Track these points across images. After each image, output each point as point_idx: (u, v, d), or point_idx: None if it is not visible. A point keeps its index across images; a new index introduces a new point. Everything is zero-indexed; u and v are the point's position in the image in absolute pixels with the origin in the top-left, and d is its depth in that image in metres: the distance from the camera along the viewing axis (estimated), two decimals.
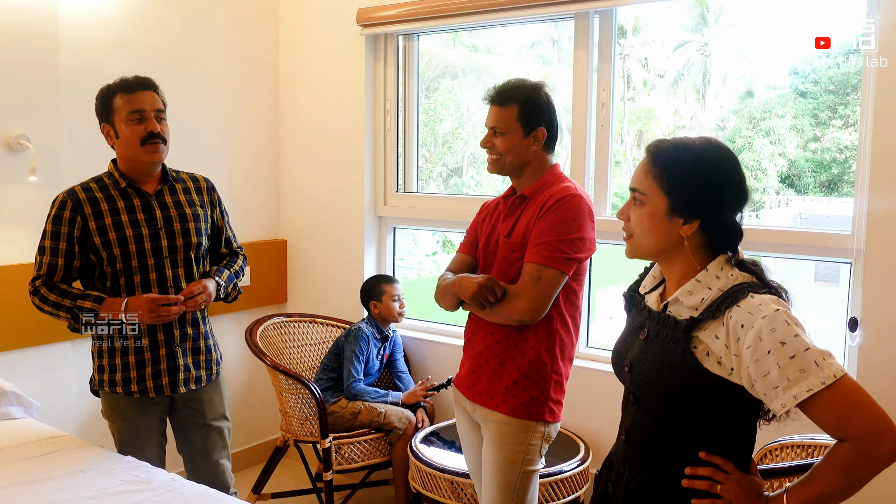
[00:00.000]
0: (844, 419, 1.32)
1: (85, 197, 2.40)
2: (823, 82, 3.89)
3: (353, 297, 3.85)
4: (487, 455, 2.18)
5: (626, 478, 1.56)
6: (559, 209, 2.10)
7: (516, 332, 2.16)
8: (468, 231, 2.43)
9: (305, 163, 3.99)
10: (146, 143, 2.38)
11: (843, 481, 1.34)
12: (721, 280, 1.46)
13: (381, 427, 3.30)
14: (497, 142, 2.20)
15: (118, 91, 2.38)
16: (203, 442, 2.58)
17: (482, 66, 4.13)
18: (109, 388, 2.45)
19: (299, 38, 3.94)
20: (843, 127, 3.80)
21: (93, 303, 2.34)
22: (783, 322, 1.34)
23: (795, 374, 1.32)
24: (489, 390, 2.18)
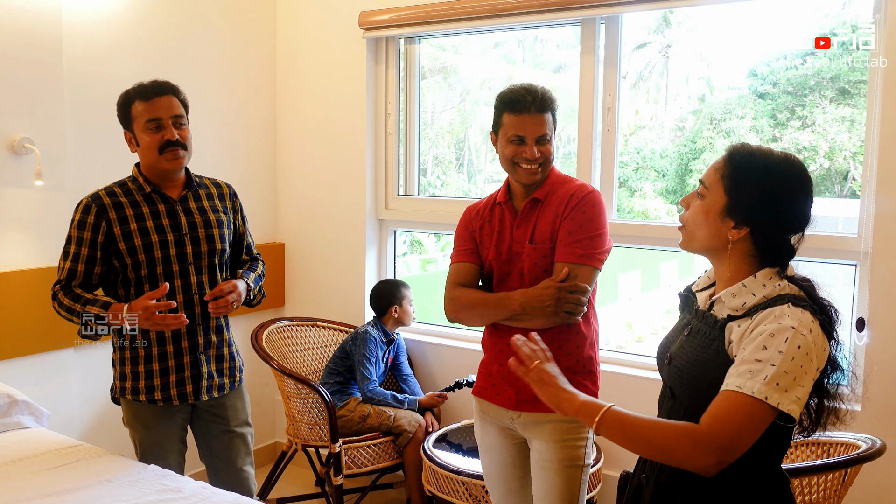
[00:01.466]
0: (720, 420, 1.36)
1: (110, 202, 2.37)
2: (782, 84, 3.99)
3: (355, 301, 3.86)
4: (547, 454, 2.17)
5: (658, 470, 1.61)
6: (584, 207, 2.13)
7: (557, 334, 2.15)
8: (462, 238, 2.34)
9: (304, 166, 3.98)
10: (164, 152, 2.35)
11: (658, 434, 1.41)
12: (767, 288, 1.48)
13: (390, 430, 3.30)
14: (545, 150, 2.17)
15: (136, 98, 2.35)
16: (226, 449, 2.56)
17: (449, 65, 4.13)
18: (132, 395, 2.42)
19: (298, 41, 3.92)
20: (802, 128, 3.90)
21: (100, 308, 2.29)
22: (784, 339, 1.37)
23: (745, 371, 1.37)
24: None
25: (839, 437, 2.25)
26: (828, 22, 4.05)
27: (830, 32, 4.26)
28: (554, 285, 2.08)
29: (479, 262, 2.29)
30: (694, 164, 4.64)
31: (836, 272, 3.17)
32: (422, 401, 3.42)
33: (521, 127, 2.15)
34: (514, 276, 2.20)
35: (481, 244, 2.29)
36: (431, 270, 4.62)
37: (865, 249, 2.65)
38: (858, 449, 2.14)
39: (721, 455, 1.35)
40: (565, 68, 4.03)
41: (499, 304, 2.16)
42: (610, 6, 3.05)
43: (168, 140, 2.34)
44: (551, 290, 2.07)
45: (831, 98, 3.94)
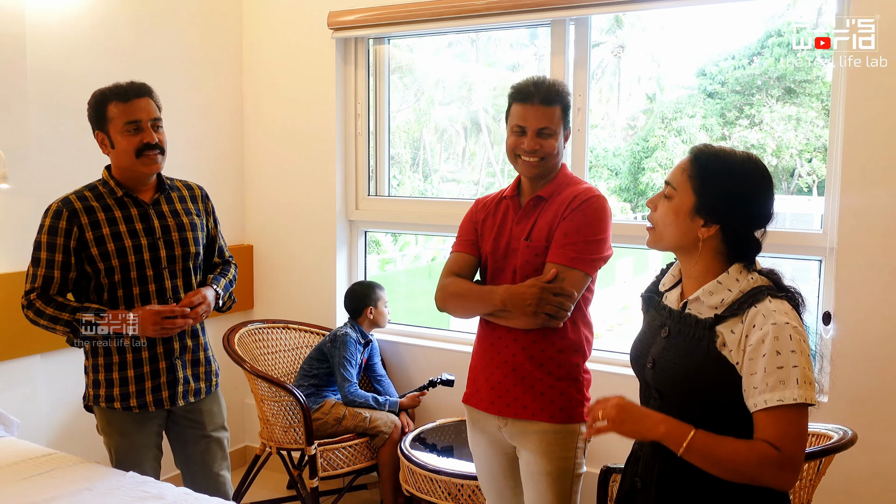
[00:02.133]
0: (788, 437, 1.43)
1: (81, 206, 2.32)
2: (730, 83, 4.10)
3: (326, 303, 3.84)
4: (535, 467, 2.12)
5: (657, 471, 1.63)
6: (585, 210, 2.08)
7: (542, 337, 2.11)
8: (464, 229, 2.32)
9: (272, 167, 3.94)
10: (142, 155, 2.32)
11: (742, 462, 1.44)
12: (741, 283, 1.56)
13: (366, 432, 3.30)
14: (546, 143, 2.11)
15: (112, 98, 2.31)
16: (203, 454, 2.53)
17: (405, 65, 4.14)
18: (106, 403, 2.38)
19: (265, 41, 3.89)
20: (750, 126, 4.00)
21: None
22: (788, 336, 1.45)
23: (775, 383, 1.44)
24: (522, 400, 2.11)
25: (810, 427, 2.31)
26: (775, 23, 4.16)
27: (776, 32, 4.38)
28: (538, 284, 2.04)
29: (478, 254, 2.26)
30: (646, 163, 4.72)
31: (796, 267, 3.29)
32: (402, 402, 3.42)
33: (524, 117, 2.11)
34: (508, 272, 2.17)
35: (482, 237, 2.26)
36: (390, 270, 4.63)
37: (831, 245, 2.73)
38: (831, 439, 2.20)
39: (800, 469, 1.44)
40: (519, 67, 4.08)
41: (482, 297, 2.14)
42: (579, 7, 3.08)
43: (147, 143, 2.31)
44: (534, 290, 2.03)
45: (777, 97, 4.04)
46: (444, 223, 3.62)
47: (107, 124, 2.31)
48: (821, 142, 4.06)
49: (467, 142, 4.32)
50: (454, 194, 4.40)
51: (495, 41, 3.98)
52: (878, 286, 2.64)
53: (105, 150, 2.37)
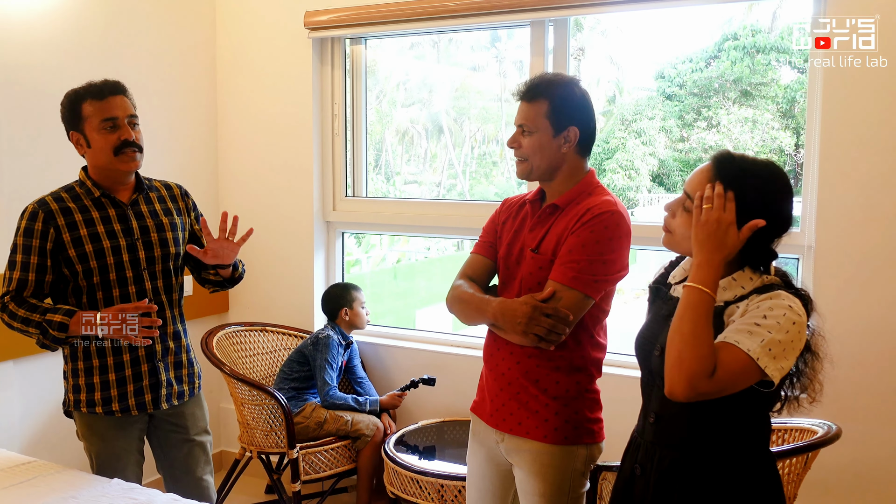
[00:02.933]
0: (721, 367, 1.44)
1: (57, 207, 2.26)
2: (688, 86, 4.16)
3: (304, 305, 3.80)
4: (529, 487, 2.00)
5: (658, 457, 1.65)
6: (595, 226, 1.90)
7: (539, 353, 1.97)
8: (487, 230, 2.19)
9: (247, 168, 3.89)
10: (120, 153, 2.27)
11: (692, 337, 1.45)
12: (754, 281, 1.58)
13: (348, 434, 3.27)
14: (524, 141, 1.98)
15: (87, 97, 2.25)
16: (186, 458, 2.49)
17: (369, 64, 4.13)
18: (87, 408, 2.32)
19: (240, 41, 3.84)
20: (708, 128, 4.07)
21: (63, 316, 2.18)
22: (782, 313, 1.47)
23: (742, 330, 1.47)
24: (517, 416, 2.00)
25: (795, 423, 2.35)
26: (731, 26, 4.23)
27: (732, 36, 4.46)
28: (531, 302, 1.88)
29: (495, 257, 2.14)
30: (607, 164, 4.76)
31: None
32: (383, 401, 3.40)
33: (516, 115, 2.03)
34: (517, 280, 2.04)
35: (500, 239, 2.13)
36: (355, 273, 4.60)
37: (809, 243, 2.78)
38: (816, 434, 2.24)
39: (702, 391, 1.44)
40: (480, 69, 4.08)
41: (478, 307, 2.01)
42: (559, 9, 3.10)
43: (125, 140, 2.26)
44: (526, 308, 1.87)
45: (734, 99, 4.11)
46: (424, 224, 3.61)
47: (82, 123, 2.26)
48: (776, 143, 4.13)
49: (428, 143, 4.30)
50: (416, 196, 4.37)
51: (456, 43, 3.97)
52: (856, 283, 2.69)
53: (81, 151, 2.32)
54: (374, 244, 5.38)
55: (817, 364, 1.60)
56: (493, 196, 4.03)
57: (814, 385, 1.61)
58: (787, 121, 4.17)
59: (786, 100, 4.19)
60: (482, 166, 4.36)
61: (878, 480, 2.71)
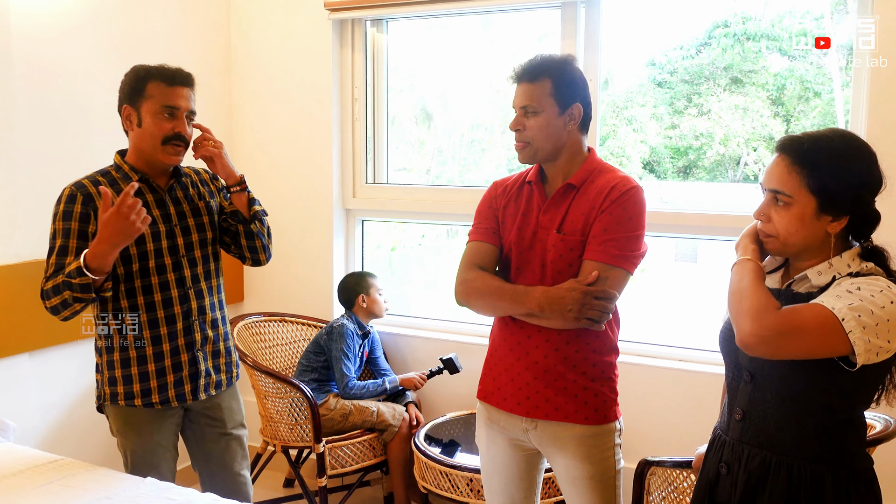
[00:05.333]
0: (796, 313, 1.42)
1: (95, 191, 2.16)
2: (679, 73, 4.11)
3: (322, 294, 3.71)
4: (576, 472, 1.99)
5: (747, 456, 1.59)
6: (626, 203, 1.90)
7: (576, 337, 1.96)
8: (484, 216, 2.12)
9: (263, 153, 3.78)
10: (168, 143, 2.17)
11: (753, 293, 1.47)
12: (852, 268, 1.51)
13: (374, 427, 3.19)
14: (529, 123, 1.95)
15: (157, 77, 2.16)
16: (223, 453, 2.40)
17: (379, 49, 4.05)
18: (125, 401, 2.22)
19: (255, 23, 3.71)
20: (698, 115, 4.03)
21: (76, 261, 2.02)
22: (880, 288, 1.42)
23: (834, 296, 1.42)
24: (554, 401, 1.97)
25: None
26: (722, 13, 4.19)
27: (723, 23, 4.42)
28: (580, 288, 1.86)
29: (500, 243, 2.07)
30: (598, 152, 4.73)
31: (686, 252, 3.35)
32: (403, 380, 3.32)
33: (514, 97, 2.00)
34: (535, 265, 1.99)
35: (503, 224, 2.08)
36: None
37: None
38: (874, 430, 2.18)
39: (772, 335, 1.41)
40: (471, 54, 3.99)
41: (515, 299, 1.95)
42: None
43: (178, 133, 2.17)
44: (576, 294, 1.85)
45: (725, 86, 4.07)
46: (447, 211, 3.52)
47: (141, 100, 2.15)
48: (766, 131, 4.10)
49: (418, 129, 4.23)
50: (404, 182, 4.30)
51: (449, 28, 3.87)
52: None
53: (128, 127, 2.20)
54: (369, 231, 5.32)
55: None
56: (484, 182, 3.99)
57: None
58: (777, 108, 4.14)
59: (776, 87, 4.15)
60: (471, 153, 4.30)
61: None
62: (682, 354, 3.06)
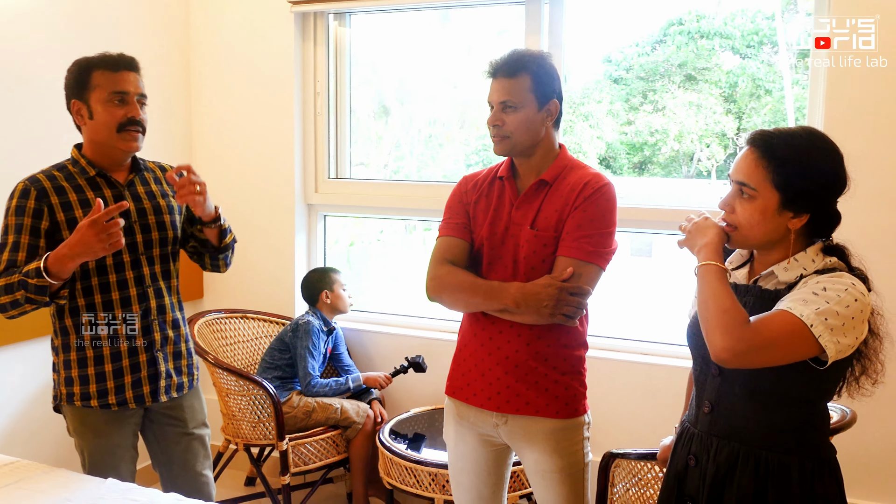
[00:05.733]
0: (766, 325, 1.43)
1: (50, 185, 2.10)
2: (635, 70, 4.18)
3: (284, 291, 3.67)
4: (546, 465, 2.01)
5: (715, 448, 1.61)
6: (599, 199, 1.93)
7: (548, 332, 1.97)
8: (454, 211, 2.11)
9: (224, 149, 3.72)
10: (124, 130, 2.11)
11: (722, 303, 1.47)
12: (816, 263, 1.54)
13: (338, 423, 3.16)
14: (508, 118, 1.95)
15: (100, 66, 2.10)
16: (185, 453, 2.35)
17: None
18: (82, 401, 2.17)
19: (215, 15, 3.65)
20: (654, 111, 4.10)
21: (35, 262, 1.96)
22: (845, 287, 1.45)
23: (800, 299, 1.44)
24: (525, 396, 1.98)
25: None
26: (676, 11, 4.25)
27: (678, 21, 4.48)
28: (556, 284, 1.88)
29: (471, 238, 2.07)
30: None
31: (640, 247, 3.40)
32: (366, 379, 3.29)
33: (490, 92, 2.00)
34: (507, 260, 2.00)
35: (475, 220, 2.08)
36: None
37: None
38: (832, 419, 2.23)
39: (746, 349, 1.41)
40: (428, 49, 3.99)
41: (490, 294, 1.95)
42: None
43: (132, 118, 2.11)
44: (552, 290, 1.87)
45: (679, 83, 4.13)
46: (411, 206, 3.51)
47: (88, 92, 2.10)
48: (719, 128, 4.17)
49: (376, 124, 4.23)
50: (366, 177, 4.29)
51: (408, 22, 3.87)
52: None
53: (80, 122, 2.15)
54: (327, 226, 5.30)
55: (877, 343, 1.56)
56: (442, 177, 4.01)
57: (875, 365, 1.57)
58: (730, 105, 4.21)
59: (728, 84, 4.22)
60: (429, 148, 4.30)
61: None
62: (641, 348, 3.10)
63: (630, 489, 2.30)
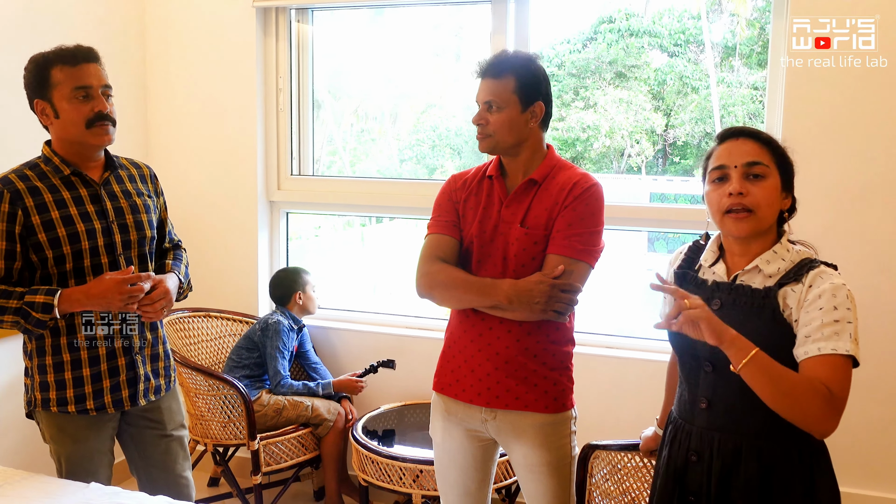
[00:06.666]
0: (837, 383, 1.49)
1: (24, 186, 2.04)
2: (566, 66, 4.30)
3: (247, 288, 3.64)
4: (534, 459, 2.05)
5: (717, 443, 1.65)
6: (588, 199, 1.98)
7: (537, 328, 2.02)
8: (444, 209, 2.13)
9: (182, 146, 3.65)
10: (94, 125, 2.07)
11: (795, 385, 1.48)
12: (791, 253, 1.64)
13: (309, 421, 3.16)
14: (492, 118, 2.00)
15: (58, 62, 2.04)
16: (164, 455, 2.32)
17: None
18: (58, 407, 2.12)
19: (172, 7, 3.58)
20: (585, 108, 4.22)
21: (45, 296, 1.99)
22: (845, 295, 1.54)
23: (831, 333, 1.51)
24: (515, 391, 2.02)
25: None
26: (606, 9, 4.38)
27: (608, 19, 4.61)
28: (547, 281, 1.92)
29: (460, 236, 2.10)
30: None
31: None
32: (336, 383, 3.29)
33: (478, 92, 2.05)
34: (497, 258, 2.03)
35: (464, 218, 2.11)
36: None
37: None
38: None
39: (839, 417, 1.48)
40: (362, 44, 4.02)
41: (482, 291, 1.99)
42: None
43: (99, 112, 2.06)
44: (543, 287, 1.91)
45: (609, 80, 4.26)
46: (372, 203, 3.53)
47: (50, 90, 2.04)
48: (648, 124, 4.31)
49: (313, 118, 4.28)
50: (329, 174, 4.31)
51: (338, 17, 3.89)
52: None
53: (46, 122, 2.10)
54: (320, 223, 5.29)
55: None
56: (376, 173, 4.05)
57: None
58: (658, 102, 4.35)
59: (657, 82, 4.35)
60: (361, 143, 4.33)
61: None
62: (608, 342, 3.18)
63: (609, 479, 2.37)
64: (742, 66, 5.26)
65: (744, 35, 4.98)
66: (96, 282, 2.03)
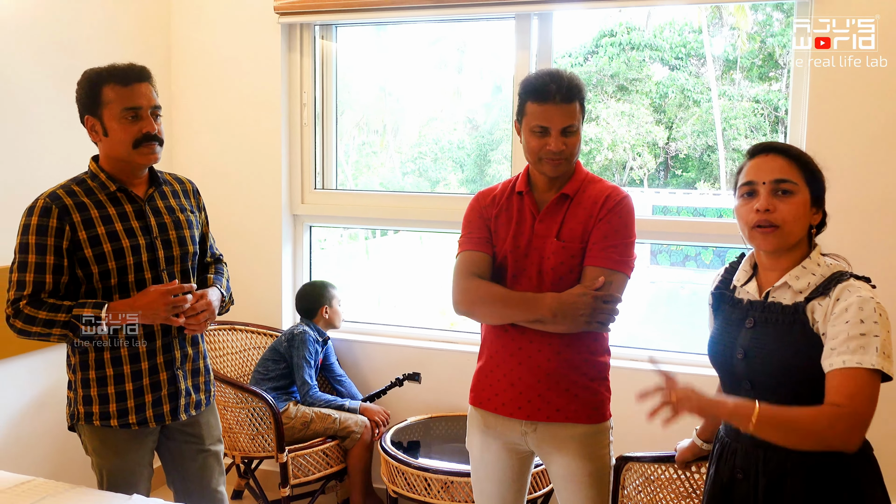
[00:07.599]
0: (858, 397, 1.50)
1: (71, 202, 2.07)
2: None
3: (271, 302, 3.66)
4: (575, 469, 2.08)
5: (763, 460, 1.67)
6: (621, 211, 2.03)
7: (577, 340, 2.05)
8: (475, 225, 2.16)
9: (208, 159, 3.69)
10: (141, 146, 2.10)
11: (812, 421, 1.50)
12: (822, 267, 1.65)
13: (336, 434, 3.18)
14: (569, 141, 2.02)
15: (110, 81, 2.07)
16: (200, 470, 2.34)
17: None
18: (101, 421, 2.14)
19: (199, 22, 3.62)
20: (587, 121, 4.27)
21: (93, 309, 2.02)
22: (872, 308, 1.55)
23: (856, 347, 1.52)
24: (555, 403, 2.05)
25: None
26: (608, 23, 4.43)
27: (609, 33, 4.64)
28: (590, 293, 1.95)
29: (492, 252, 2.12)
30: (492, 155, 4.83)
31: None
32: (363, 409, 3.28)
33: (546, 118, 1.99)
34: (532, 272, 2.06)
35: (496, 234, 2.12)
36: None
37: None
38: None
39: (864, 429, 1.49)
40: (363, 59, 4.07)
41: (525, 305, 2.01)
42: (543, 3, 3.11)
43: (147, 133, 2.09)
44: (587, 299, 1.95)
45: (612, 93, 4.29)
46: (395, 217, 3.56)
47: (101, 109, 2.08)
48: (650, 137, 4.34)
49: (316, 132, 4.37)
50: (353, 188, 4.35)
51: (343, 32, 3.94)
52: None
53: (95, 139, 2.13)
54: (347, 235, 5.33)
55: None
56: (378, 186, 4.07)
57: None
58: (660, 115, 4.38)
59: (658, 95, 4.39)
60: (363, 156, 4.37)
61: None
62: (642, 355, 3.19)
63: (642, 490, 2.39)
64: (743, 79, 5.28)
65: (745, 48, 5.02)
66: (141, 294, 2.08)
